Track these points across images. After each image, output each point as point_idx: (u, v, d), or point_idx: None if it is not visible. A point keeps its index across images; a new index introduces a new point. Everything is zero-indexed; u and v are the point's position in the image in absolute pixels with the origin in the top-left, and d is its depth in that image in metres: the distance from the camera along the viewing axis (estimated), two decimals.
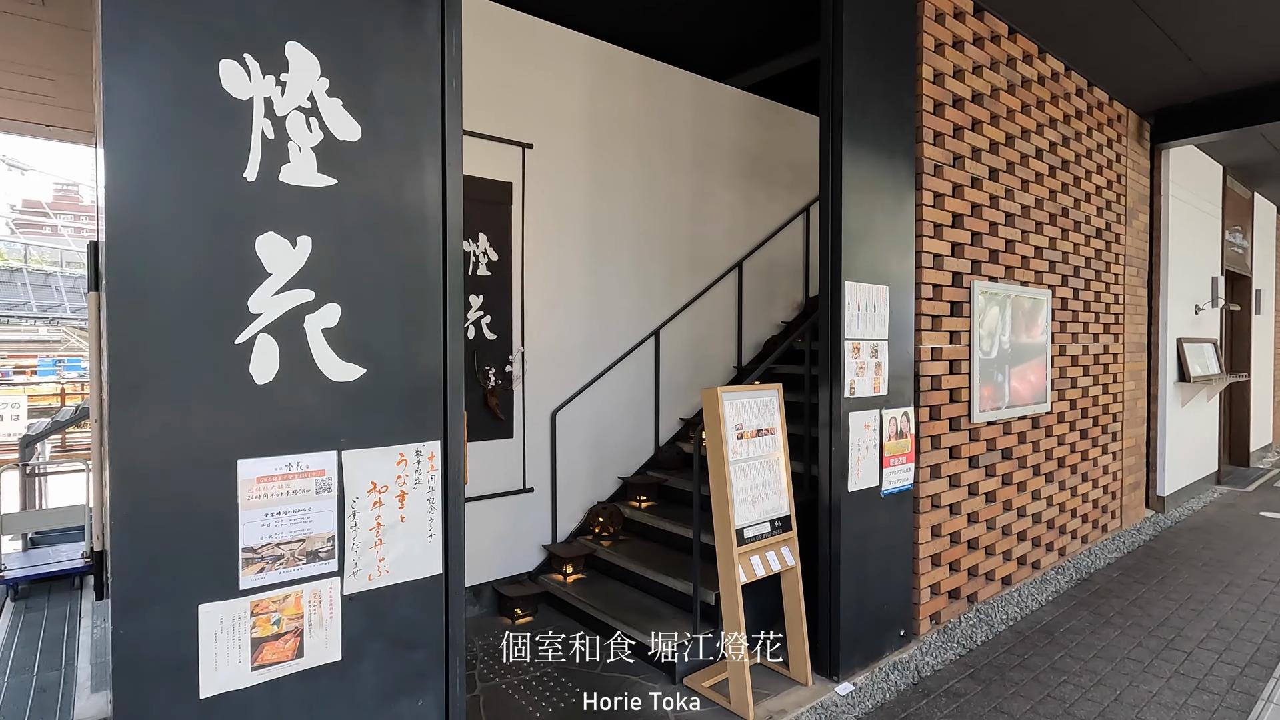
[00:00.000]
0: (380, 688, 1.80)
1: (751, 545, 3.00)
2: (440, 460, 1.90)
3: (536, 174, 4.14)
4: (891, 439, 3.40)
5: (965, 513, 3.93)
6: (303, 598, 1.68)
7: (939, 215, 3.68)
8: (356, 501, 1.76)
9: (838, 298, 3.15)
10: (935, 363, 3.70)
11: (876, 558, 3.36)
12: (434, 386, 1.89)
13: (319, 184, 1.69)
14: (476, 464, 3.92)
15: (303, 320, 1.67)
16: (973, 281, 3.90)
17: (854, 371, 3.19)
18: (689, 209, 4.99)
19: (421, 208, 1.86)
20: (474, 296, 3.91)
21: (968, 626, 3.78)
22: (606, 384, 4.50)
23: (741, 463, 3.02)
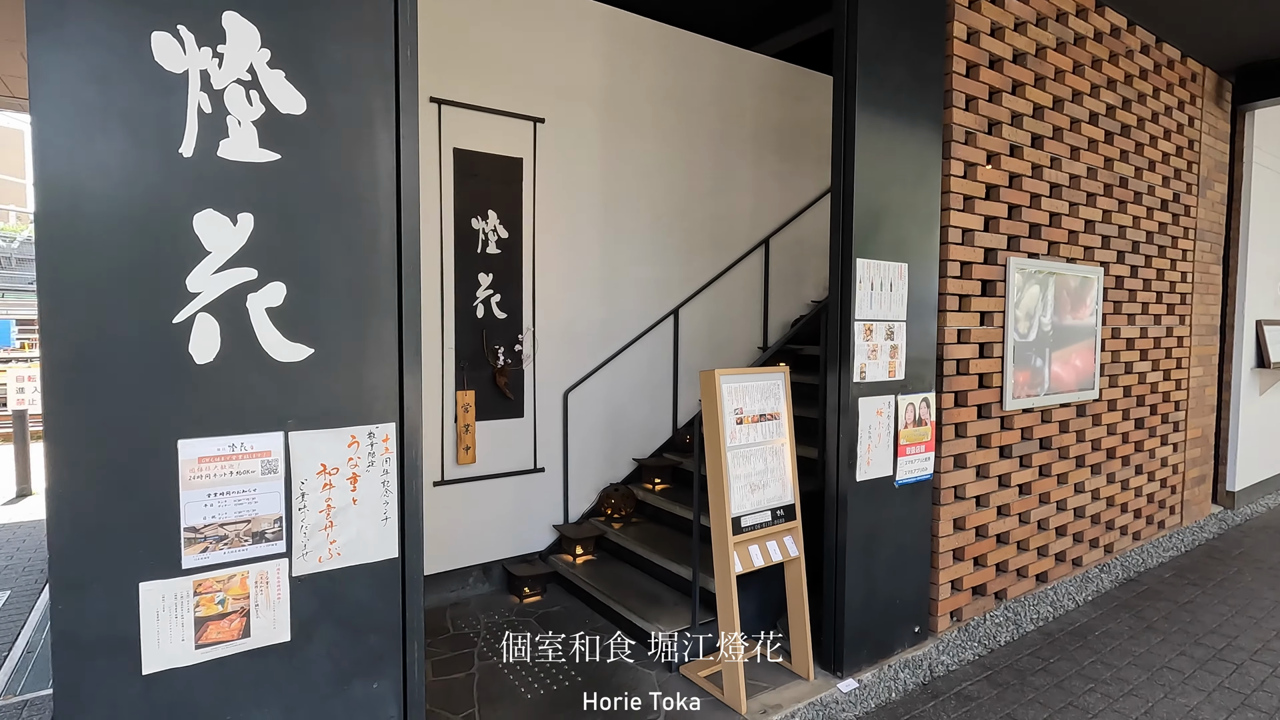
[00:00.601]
0: (333, 670, 1.79)
1: (750, 534, 2.89)
2: (396, 443, 1.86)
3: (549, 149, 4.05)
4: (908, 426, 3.20)
5: (994, 505, 3.69)
6: (249, 578, 1.67)
7: (970, 187, 3.41)
8: (305, 483, 1.73)
9: (847, 276, 2.96)
10: (962, 345, 3.46)
11: (888, 551, 3.19)
12: (388, 366, 1.84)
13: (261, 159, 1.65)
14: (486, 443, 3.92)
15: (245, 299, 1.64)
16: (1009, 258, 3.62)
17: (865, 354, 3.01)
18: (711, 185, 4.81)
19: (375, 183, 1.80)
20: (483, 275, 3.87)
21: (992, 625, 3.57)
22: (621, 364, 4.41)
23: (740, 448, 2.89)
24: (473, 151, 3.79)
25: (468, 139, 3.78)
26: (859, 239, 2.96)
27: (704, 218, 4.79)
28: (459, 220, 3.78)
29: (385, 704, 1.88)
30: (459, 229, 3.78)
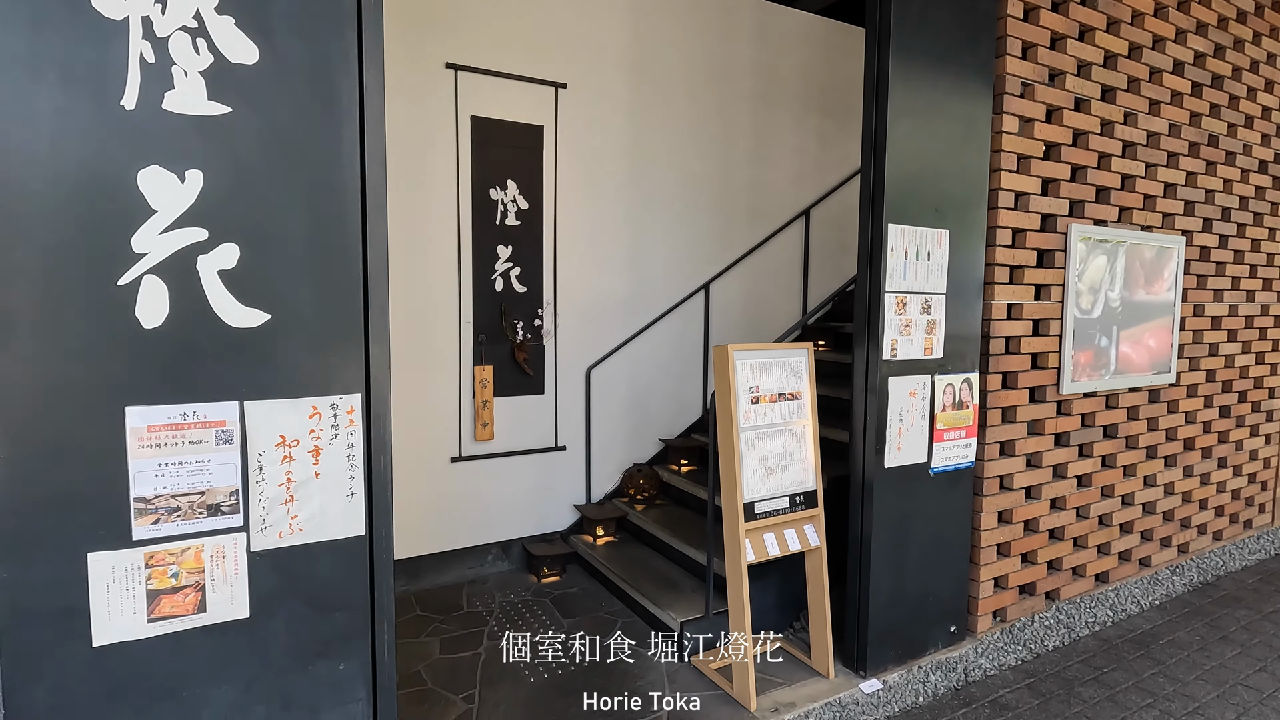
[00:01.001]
0: (296, 648, 1.73)
1: (764, 521, 2.70)
2: (362, 415, 1.77)
3: (571, 116, 3.89)
4: (946, 409, 2.93)
5: (1047, 498, 3.37)
6: (203, 552, 1.62)
7: (1025, 145, 3.07)
8: (263, 455, 1.66)
9: (878, 244, 2.70)
10: (1012, 322, 3.14)
11: (921, 543, 2.94)
12: (353, 336, 1.74)
13: (210, 112, 1.55)
14: (504, 419, 3.84)
15: (195, 261, 1.56)
16: (1070, 225, 3.25)
17: (896, 330, 2.75)
18: (748, 151, 4.55)
19: (335, 137, 1.68)
20: (502, 247, 3.77)
21: (1040, 628, 3.27)
22: (648, 341, 4.25)
23: (755, 430, 2.70)
24: (491, 119, 3.67)
25: (486, 106, 3.66)
26: (892, 202, 2.69)
27: (739, 187, 4.54)
28: (477, 190, 3.67)
29: (353, 686, 1.80)
30: (477, 199, 3.68)
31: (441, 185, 3.59)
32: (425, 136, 3.52)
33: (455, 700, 2.67)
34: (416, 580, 3.69)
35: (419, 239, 3.56)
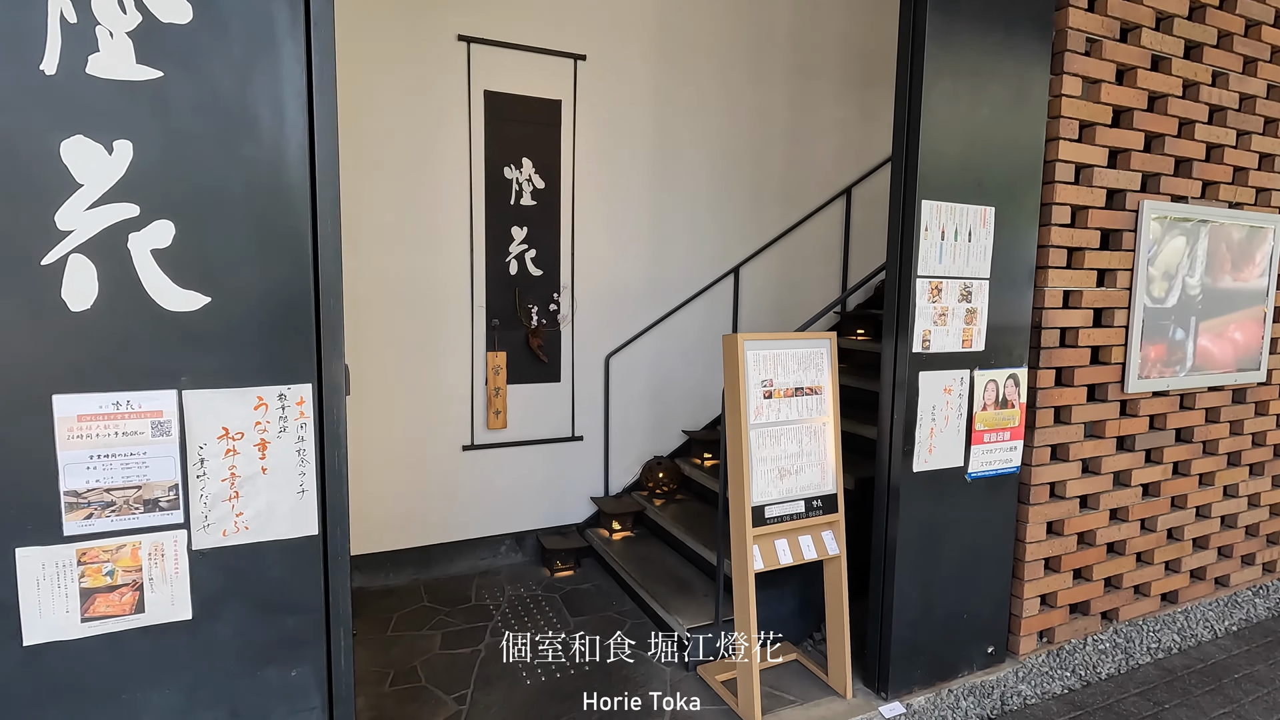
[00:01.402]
0: (243, 652, 1.63)
1: (776, 526, 2.48)
2: (313, 407, 1.64)
3: (591, 89, 3.69)
4: (988, 408, 2.63)
5: (1106, 508, 3.02)
6: (141, 549, 1.52)
7: (1090, 110, 2.70)
8: (204, 448, 1.55)
9: (909, 221, 2.42)
10: (1069, 311, 2.80)
11: (956, 555, 2.66)
12: (301, 321, 1.61)
13: (139, 77, 1.43)
14: (518, 408, 3.71)
15: (126, 239, 1.45)
16: (1142, 202, 2.87)
17: (930, 319, 2.46)
18: (784, 126, 4.26)
19: (279, 105, 1.54)
20: (516, 228, 3.62)
21: (1094, 652, 2.94)
22: (672, 328, 4.04)
23: (767, 427, 2.47)
24: (505, 94, 3.51)
25: (500, 80, 3.49)
26: (926, 176, 2.40)
27: (774, 164, 4.25)
28: (490, 169, 3.52)
29: (306, 694, 1.70)
30: (490, 179, 3.53)
31: (453, 163, 3.45)
32: (435, 112, 3.39)
33: (446, 700, 2.57)
34: (427, 570, 3.62)
35: (429, 220, 3.44)
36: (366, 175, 3.28)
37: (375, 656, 2.86)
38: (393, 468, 3.49)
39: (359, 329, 3.33)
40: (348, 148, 3.23)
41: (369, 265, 3.33)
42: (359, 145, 3.26)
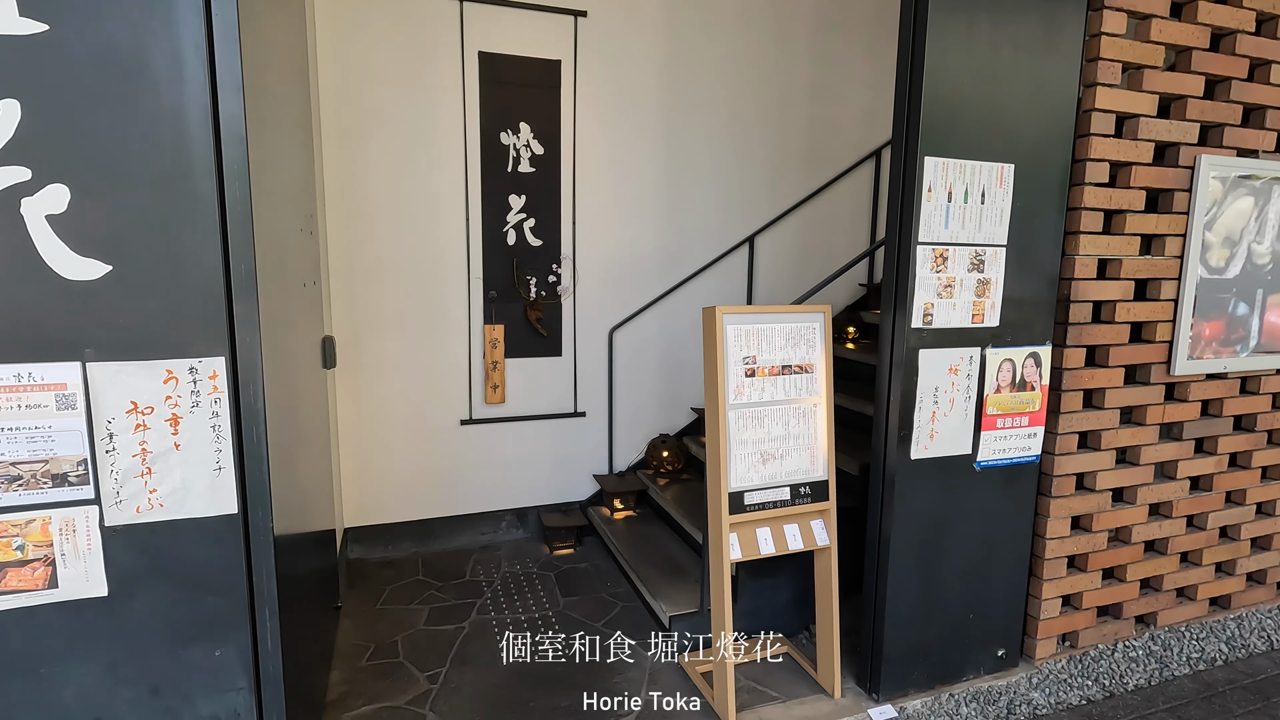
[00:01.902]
0: (164, 631, 1.59)
1: (757, 514, 2.31)
2: (228, 381, 1.56)
3: (592, 48, 3.50)
4: (1002, 390, 2.36)
5: (1144, 502, 2.71)
6: (51, 524, 1.49)
7: (1135, 51, 2.35)
8: (113, 423, 1.50)
9: (910, 181, 2.16)
10: (1106, 282, 2.48)
11: (962, 549, 2.43)
12: (211, 290, 1.53)
13: (24, 31, 1.35)
14: (517, 382, 3.62)
15: (18, 204, 1.39)
16: (1199, 157, 2.51)
17: (932, 291, 2.21)
18: (806, 84, 3.96)
19: (177, 57, 1.44)
20: (514, 196, 3.49)
21: (1123, 660, 2.67)
22: (680, 300, 3.86)
23: (749, 407, 2.29)
24: (501, 55, 3.36)
25: (495, 40, 3.34)
26: (931, 128, 2.13)
27: (794, 125, 3.97)
28: (486, 135, 3.39)
29: (231, 674, 1.65)
30: (486, 144, 3.40)
31: (447, 130, 3.34)
32: (428, 77, 3.27)
33: (420, 678, 2.53)
34: (426, 543, 3.61)
35: (423, 189, 3.35)
36: (357, 143, 3.20)
37: (360, 629, 2.86)
38: (390, 441, 3.46)
39: (350, 299, 3.29)
40: (336, 113, 3.17)
41: (360, 234, 3.27)
42: (349, 112, 3.17)
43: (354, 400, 3.37)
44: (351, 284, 3.28)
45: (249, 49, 1.54)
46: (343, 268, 3.26)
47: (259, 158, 1.61)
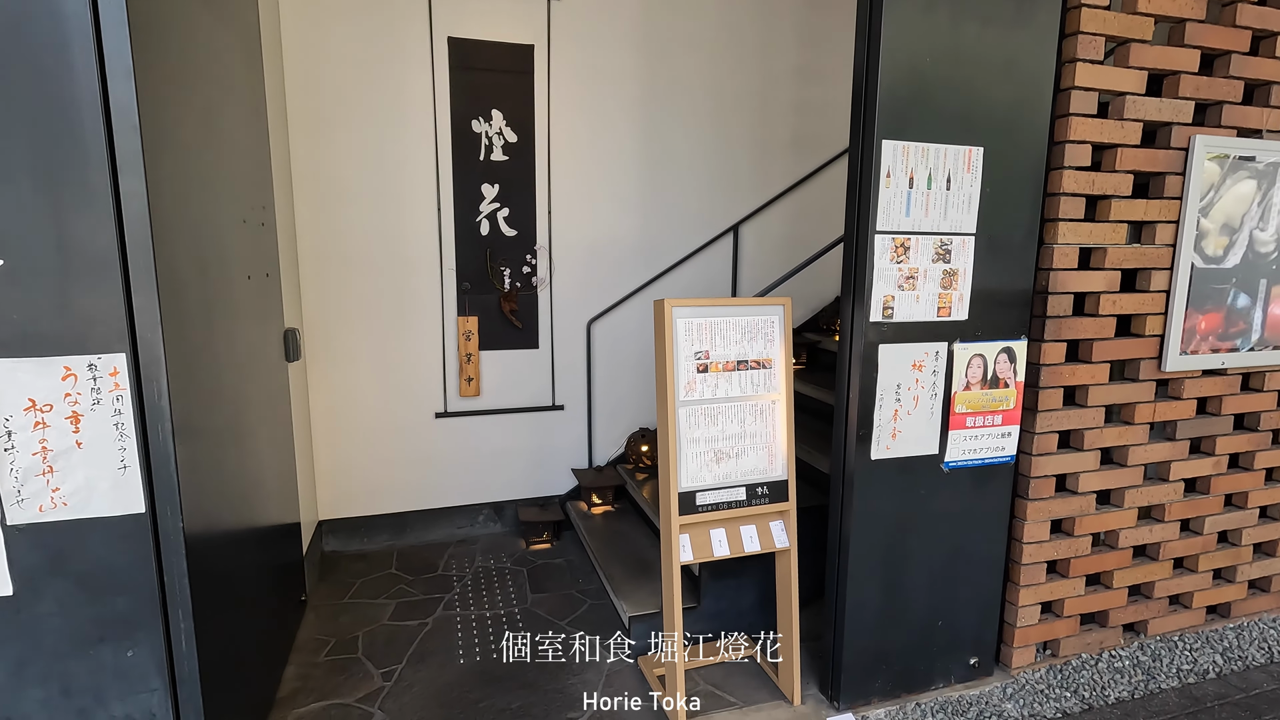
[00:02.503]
0: (71, 632, 1.57)
1: (711, 515, 2.22)
2: (130, 378, 1.52)
3: (566, 31, 3.40)
4: (972, 387, 2.24)
5: (1133, 505, 2.56)
6: None
7: (1120, 24, 2.19)
8: (10, 420, 1.47)
9: (866, 164, 2.04)
10: (1088, 273, 2.33)
11: (928, 553, 2.32)
12: (108, 284, 1.48)
13: None
14: (493, 375, 3.57)
15: None
16: (1193, 138, 2.34)
17: (893, 283, 2.09)
18: (793, 63, 3.82)
19: (62, 41, 1.39)
20: (487, 186, 3.42)
21: (1107, 670, 2.54)
22: (661, 291, 3.76)
23: (701, 404, 2.20)
24: (471, 40, 3.28)
25: (465, 25, 3.26)
26: (888, 109, 2.00)
27: (781, 108, 3.84)
28: (457, 123, 3.33)
29: (145, 675, 1.63)
30: (457, 133, 3.33)
31: (416, 118, 3.28)
32: (397, 63, 3.21)
33: (374, 675, 2.51)
34: (402, 536, 3.59)
35: (393, 178, 3.29)
36: (323, 130, 3.16)
37: (323, 624, 2.84)
38: (364, 433, 3.44)
39: (322, 290, 3.26)
40: (305, 102, 3.13)
41: (331, 225, 3.23)
42: (317, 100, 3.13)
43: (326, 392, 3.35)
44: (323, 275, 3.25)
45: (144, 36, 1.48)
46: (313, 258, 3.23)
47: (161, 148, 1.56)
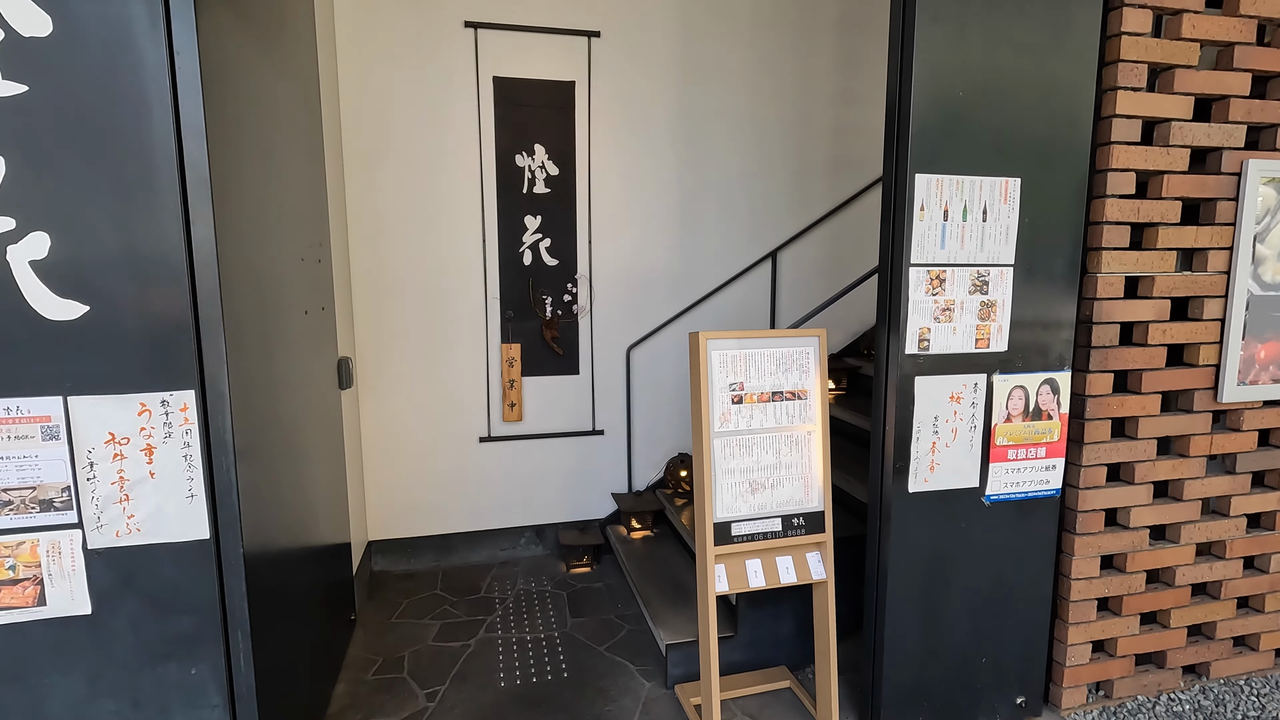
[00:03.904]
0: (142, 649, 1.68)
1: (746, 545, 2.24)
2: (197, 413, 1.64)
3: (606, 67, 3.51)
4: (1013, 419, 2.20)
5: (1189, 540, 2.47)
6: (39, 546, 1.60)
7: (1164, 50, 2.16)
8: (93, 452, 1.60)
9: (900, 197, 2.05)
10: (1136, 302, 2.28)
11: (971, 588, 2.28)
12: (180, 328, 1.61)
13: (6, 93, 1.47)
14: (535, 400, 3.66)
15: (4, 251, 1.50)
16: (1246, 162, 2.27)
17: (928, 314, 2.09)
18: (831, 88, 3.84)
19: (143, 108, 1.53)
20: (530, 217, 3.53)
21: (1165, 713, 2.43)
22: (700, 318, 3.80)
23: (736, 435, 2.22)
24: (515, 79, 3.41)
25: (509, 65, 3.40)
26: (921, 141, 2.01)
27: (819, 133, 3.86)
28: (501, 157, 3.45)
29: (205, 691, 1.73)
30: (501, 167, 3.46)
31: (463, 154, 3.42)
32: (444, 102, 3.36)
33: (418, 695, 2.58)
34: (446, 557, 3.69)
35: (441, 211, 3.44)
36: (377, 167, 3.33)
37: (371, 641, 2.94)
38: (412, 457, 3.56)
39: (374, 319, 3.41)
40: (360, 141, 3.30)
41: (382, 257, 3.39)
42: (371, 138, 3.30)
43: (377, 417, 3.49)
44: (374, 305, 3.40)
45: (214, 96, 1.62)
46: (365, 289, 3.38)
47: (227, 198, 1.69)
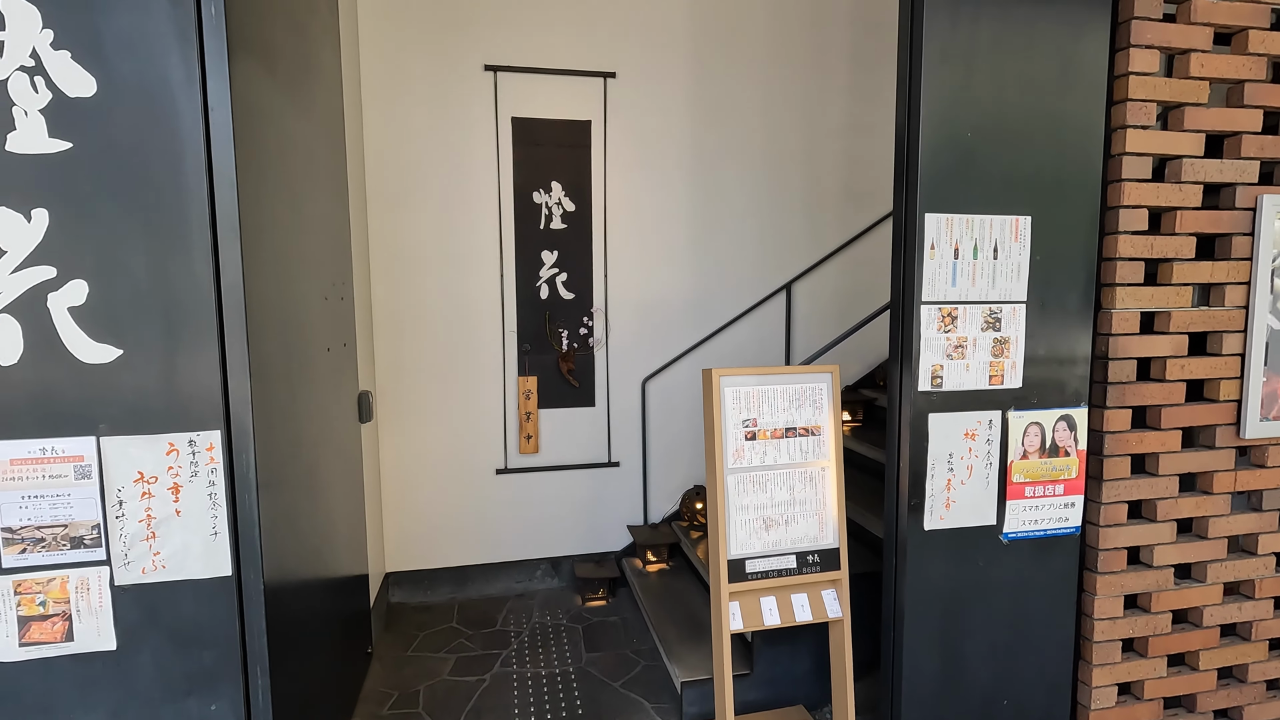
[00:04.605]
0: (164, 683, 1.71)
1: (760, 583, 2.23)
2: (223, 452, 1.69)
3: (622, 107, 3.59)
4: (1029, 455, 2.19)
5: (1216, 580, 2.41)
6: (69, 583, 1.65)
7: (1172, 89, 2.17)
8: (122, 490, 1.65)
9: (910, 236, 2.07)
10: (1153, 337, 2.27)
11: (989, 627, 2.25)
12: (207, 369, 1.66)
13: (52, 150, 1.55)
14: (551, 432, 3.69)
15: (46, 299, 1.58)
16: (1261, 197, 2.27)
17: (941, 352, 2.09)
18: (843, 120, 3.89)
19: (178, 161, 1.61)
20: (546, 253, 3.60)
21: None
22: (715, 351, 3.83)
23: (749, 472, 2.23)
24: (533, 119, 3.51)
25: (527, 106, 3.50)
26: (930, 181, 2.04)
27: (831, 164, 3.90)
28: (519, 194, 3.54)
29: None
30: (519, 204, 3.54)
31: (482, 191, 3.50)
32: (464, 142, 3.46)
33: None
34: (463, 589, 3.70)
35: (459, 247, 3.52)
36: (398, 206, 3.42)
37: (388, 675, 2.95)
38: (429, 489, 3.60)
39: (394, 354, 3.48)
40: (382, 179, 3.40)
41: (403, 293, 3.47)
42: (393, 177, 3.40)
43: (395, 450, 3.54)
44: (394, 340, 3.47)
45: (245, 146, 1.70)
46: (386, 325, 3.46)
47: (255, 243, 1.76)
